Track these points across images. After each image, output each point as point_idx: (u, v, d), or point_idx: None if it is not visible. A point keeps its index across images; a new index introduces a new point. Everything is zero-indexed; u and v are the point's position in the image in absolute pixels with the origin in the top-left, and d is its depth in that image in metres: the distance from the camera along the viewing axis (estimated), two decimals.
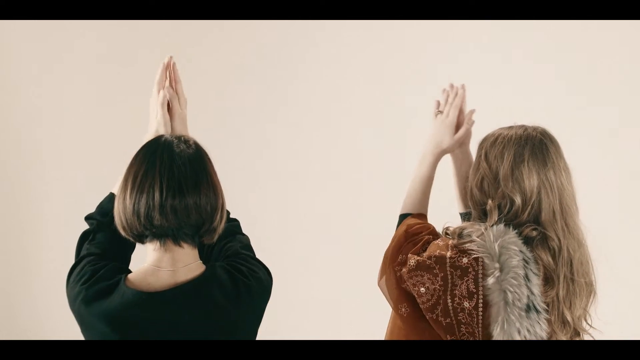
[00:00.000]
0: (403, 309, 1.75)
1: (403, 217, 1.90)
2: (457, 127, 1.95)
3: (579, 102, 3.12)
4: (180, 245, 1.54)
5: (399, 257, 1.75)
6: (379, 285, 1.83)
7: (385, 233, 2.12)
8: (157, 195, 1.49)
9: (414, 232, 1.80)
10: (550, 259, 1.67)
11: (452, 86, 1.99)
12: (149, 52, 3.45)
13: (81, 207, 3.39)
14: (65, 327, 2.70)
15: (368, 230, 3.27)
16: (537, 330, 1.63)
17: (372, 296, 2.39)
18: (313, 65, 3.41)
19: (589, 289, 1.73)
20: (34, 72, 3.49)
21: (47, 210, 3.54)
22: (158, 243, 1.54)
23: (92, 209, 1.79)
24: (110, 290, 1.53)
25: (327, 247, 3.40)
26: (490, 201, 1.70)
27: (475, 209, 1.76)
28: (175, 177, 1.50)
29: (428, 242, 1.74)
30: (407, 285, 1.71)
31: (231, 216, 1.82)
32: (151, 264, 1.56)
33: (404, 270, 1.72)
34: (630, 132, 3.10)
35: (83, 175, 3.45)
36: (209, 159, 1.60)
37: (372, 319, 2.32)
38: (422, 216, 1.91)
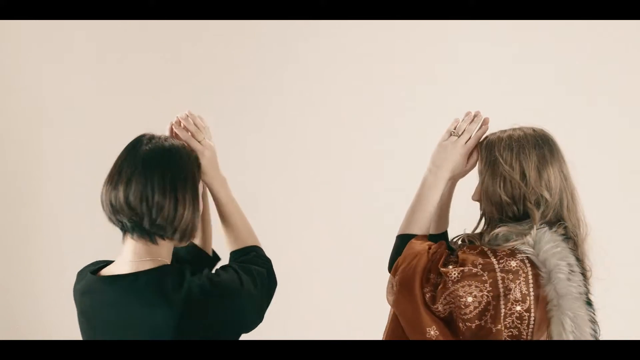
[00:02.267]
0: (432, 332, 1.72)
1: (409, 237, 1.83)
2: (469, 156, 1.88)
3: (579, 101, 3.12)
4: (133, 238, 1.58)
5: (430, 278, 1.72)
6: (391, 304, 1.79)
7: (386, 233, 2.12)
8: (103, 187, 1.59)
9: (433, 251, 1.77)
10: (577, 254, 1.71)
11: (469, 113, 1.91)
12: (149, 51, 3.45)
13: (81, 207, 3.42)
14: (65, 327, 2.70)
15: (368, 231, 3.27)
16: (596, 321, 1.68)
17: (371, 296, 2.39)
18: (311, 65, 3.40)
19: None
20: (35, 72, 3.48)
21: (48, 210, 3.54)
22: (122, 235, 1.61)
23: (92, 209, 1.78)
24: (86, 275, 1.64)
25: (327, 247, 3.40)
26: (529, 203, 1.71)
27: (500, 211, 1.75)
28: (116, 171, 1.58)
29: (449, 256, 1.74)
30: (448, 299, 1.69)
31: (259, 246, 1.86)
32: (120, 255, 1.62)
33: (439, 288, 1.70)
34: (632, 130, 3.10)
35: (84, 176, 3.45)
36: (176, 162, 1.59)
37: (372, 319, 2.31)
38: (426, 237, 1.87)
